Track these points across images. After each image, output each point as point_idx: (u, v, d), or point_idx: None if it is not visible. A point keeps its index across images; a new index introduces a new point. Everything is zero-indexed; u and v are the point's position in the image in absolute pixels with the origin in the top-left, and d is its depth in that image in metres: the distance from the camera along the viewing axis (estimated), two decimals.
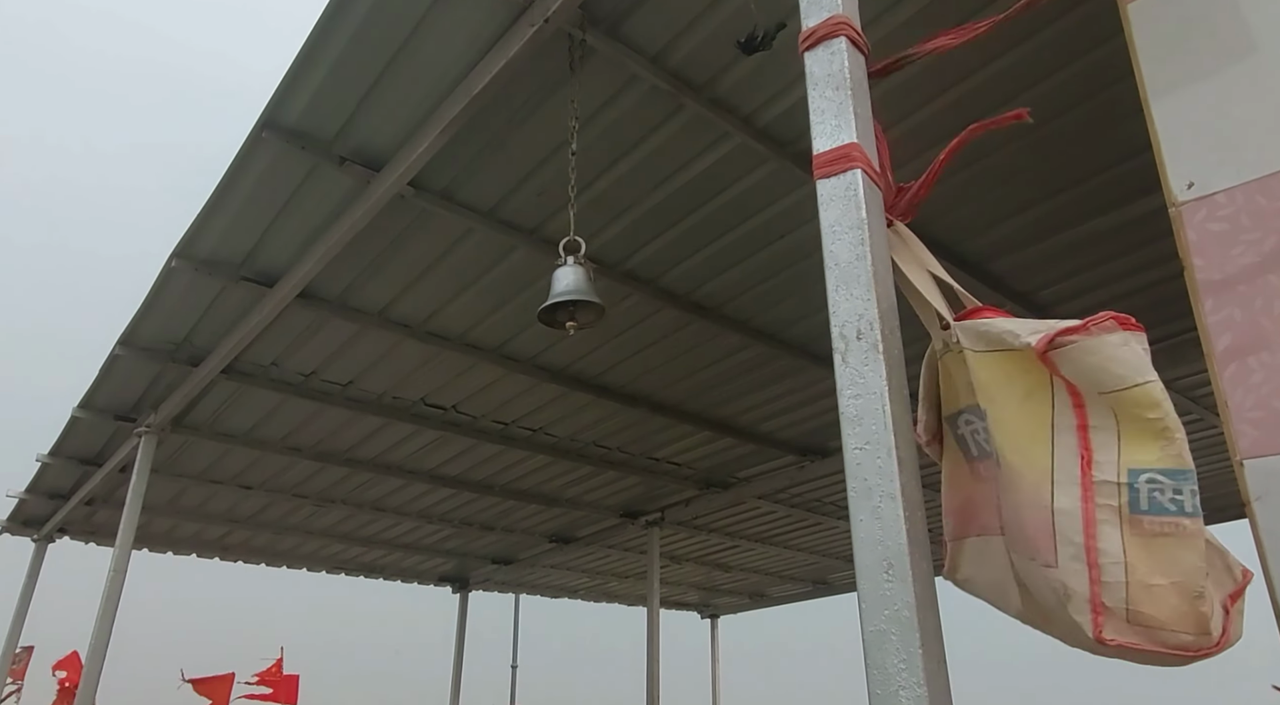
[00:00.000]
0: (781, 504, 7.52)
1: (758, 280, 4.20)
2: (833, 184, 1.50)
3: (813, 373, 5.07)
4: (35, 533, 7.84)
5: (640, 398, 5.55)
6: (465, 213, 3.71)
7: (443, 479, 6.96)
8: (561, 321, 2.90)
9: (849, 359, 1.41)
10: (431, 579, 10.66)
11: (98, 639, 4.99)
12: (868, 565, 1.25)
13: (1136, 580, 1.14)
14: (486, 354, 4.97)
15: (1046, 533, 1.26)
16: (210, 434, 5.94)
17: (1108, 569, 1.17)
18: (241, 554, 8.98)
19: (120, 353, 4.81)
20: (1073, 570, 1.20)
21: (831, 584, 11.00)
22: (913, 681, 1.15)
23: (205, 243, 3.93)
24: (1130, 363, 1.25)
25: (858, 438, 1.32)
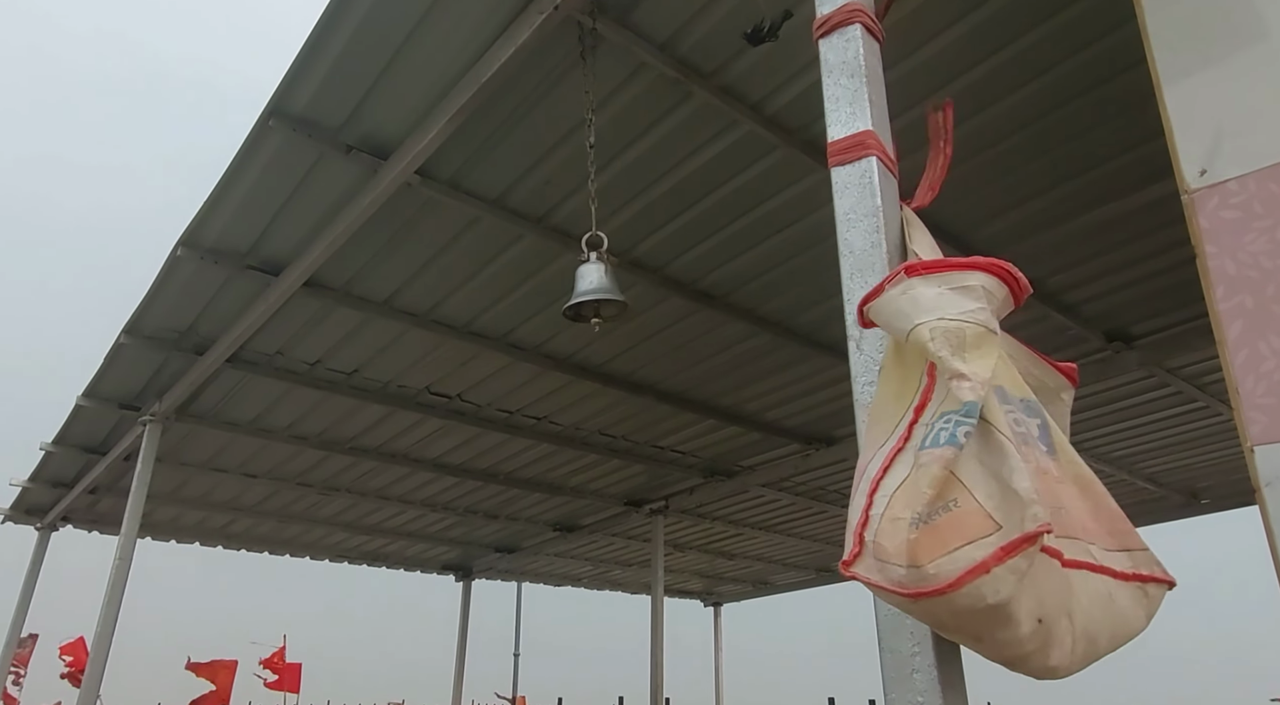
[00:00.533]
0: (786, 492, 7.54)
1: (764, 269, 4.20)
2: (847, 171, 1.50)
3: (818, 361, 5.08)
4: (38, 521, 7.87)
5: (645, 386, 5.56)
6: (472, 201, 3.71)
7: (447, 467, 6.98)
8: (587, 317, 2.93)
9: (863, 346, 1.42)
10: (435, 567, 10.69)
11: (104, 626, 5.02)
12: None
13: (890, 514, 1.06)
14: (491, 343, 4.97)
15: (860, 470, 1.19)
16: (215, 423, 5.96)
17: (877, 503, 1.09)
18: (245, 542, 9.01)
19: (125, 341, 4.82)
20: (854, 505, 1.13)
21: (835, 572, 11.04)
22: (926, 664, 1.17)
23: (211, 231, 3.93)
24: (903, 311, 1.20)
25: None
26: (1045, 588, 1.06)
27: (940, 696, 1.14)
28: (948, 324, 1.16)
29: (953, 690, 1.16)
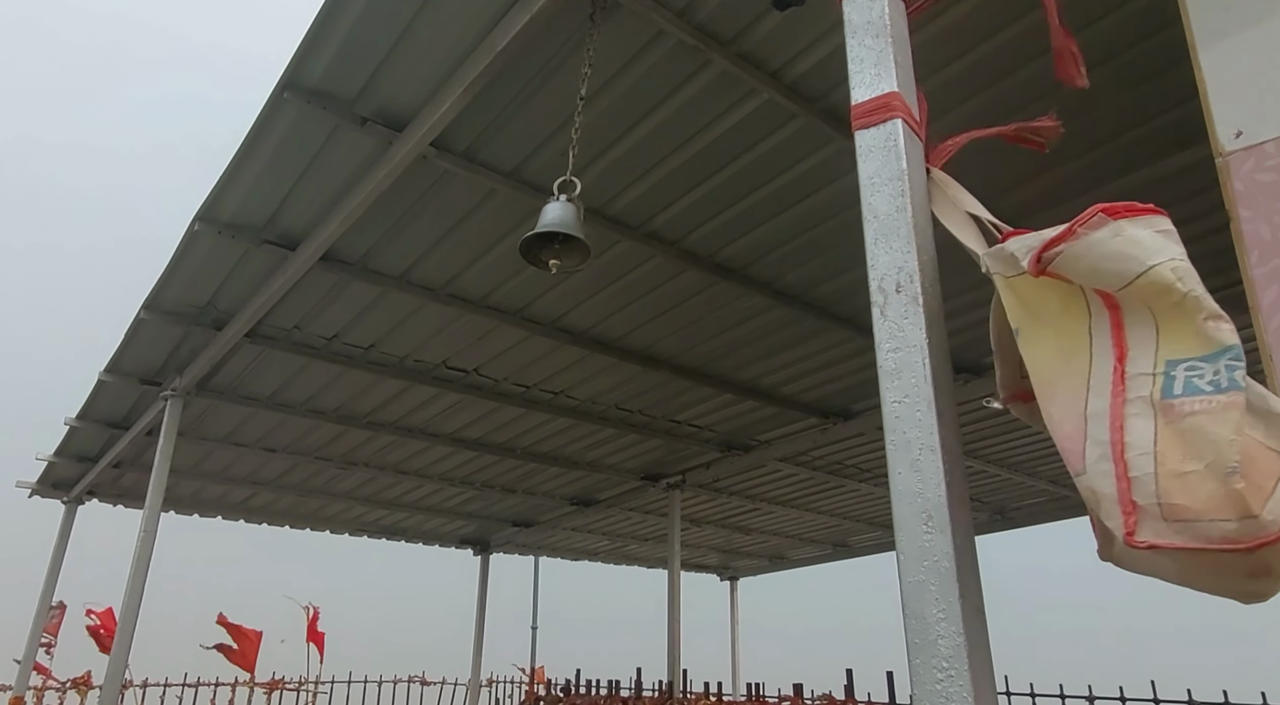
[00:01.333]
0: (803, 467, 7.53)
1: (782, 241, 4.16)
2: (872, 135, 1.47)
3: (836, 334, 5.05)
4: (65, 495, 7.99)
5: (662, 360, 5.55)
6: (487, 174, 3.69)
7: (464, 442, 7.02)
8: (545, 260, 2.86)
9: (888, 312, 1.39)
10: (453, 541, 10.80)
11: (130, 596, 5.10)
12: (906, 518, 1.25)
13: (1167, 470, 0.99)
14: (508, 317, 4.97)
15: (1078, 439, 1.13)
16: (235, 397, 6.01)
17: (1135, 463, 1.02)
18: (266, 516, 9.13)
19: (145, 317, 4.85)
20: (1100, 472, 1.06)
21: (852, 547, 11.06)
22: (951, 631, 1.15)
23: (228, 205, 3.93)
24: (1125, 253, 1.12)
25: (896, 391, 1.31)
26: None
27: (966, 663, 1.13)
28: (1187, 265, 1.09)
29: (979, 657, 1.15)
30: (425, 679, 13.17)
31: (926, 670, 1.16)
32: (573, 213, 2.75)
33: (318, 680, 12.01)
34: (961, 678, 1.13)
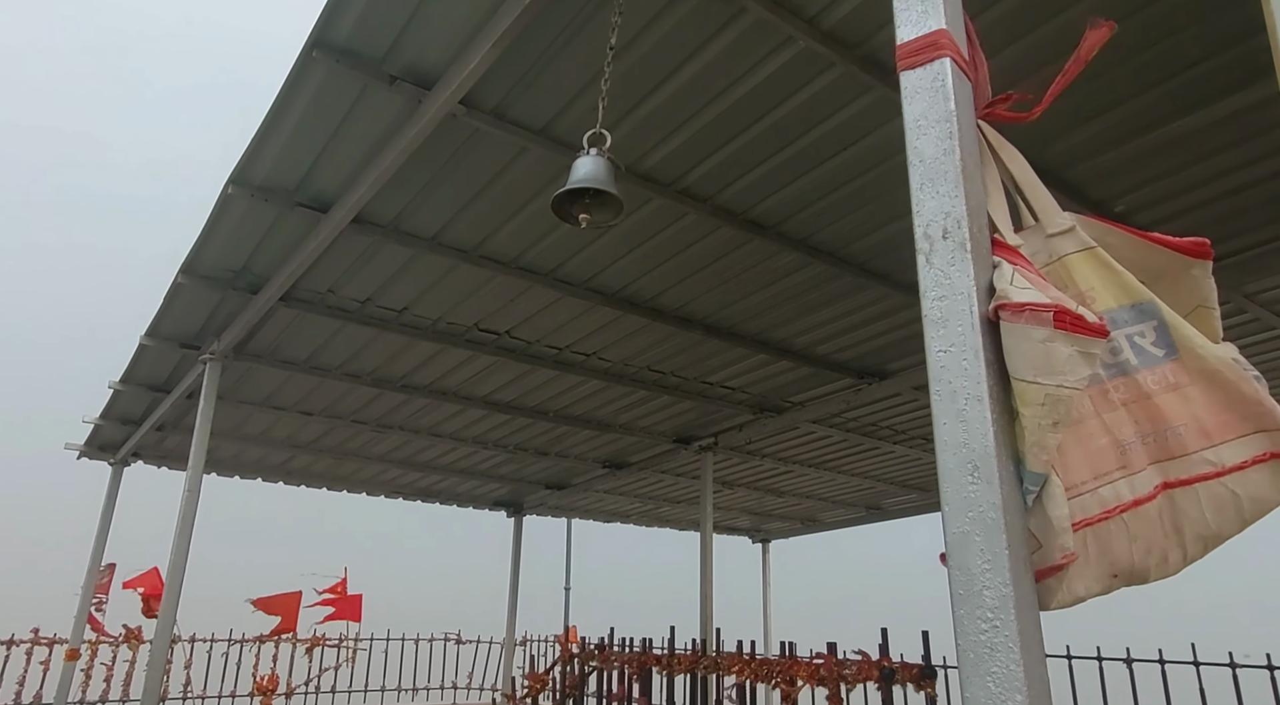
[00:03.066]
0: (836, 429, 7.49)
1: (818, 196, 4.08)
2: (918, 75, 1.41)
3: (872, 292, 4.96)
4: (111, 457, 8.21)
5: (695, 321, 5.51)
6: (517, 132, 3.65)
7: (497, 405, 7.07)
8: (575, 215, 2.83)
9: (933, 260, 1.35)
10: (486, 503, 10.95)
11: (176, 555, 5.24)
12: (951, 469, 1.22)
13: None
14: (540, 278, 4.95)
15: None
16: (271, 361, 6.09)
17: None
18: (304, 478, 9.31)
19: (182, 281, 4.91)
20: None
21: (885, 510, 11.04)
22: (998, 581, 1.13)
23: (260, 168, 3.95)
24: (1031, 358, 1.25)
25: (942, 340, 1.28)
26: (1117, 549, 1.24)
27: (1013, 614, 1.11)
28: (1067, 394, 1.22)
29: (1025, 608, 1.13)
30: (461, 638, 13.47)
31: (971, 621, 1.14)
32: (604, 167, 2.71)
33: (357, 638, 12.32)
34: (1007, 628, 1.10)
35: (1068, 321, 1.23)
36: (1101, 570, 1.25)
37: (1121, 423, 1.31)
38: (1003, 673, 1.09)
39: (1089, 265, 1.39)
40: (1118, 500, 1.26)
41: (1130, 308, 1.34)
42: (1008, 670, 1.09)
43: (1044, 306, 1.23)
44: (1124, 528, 1.25)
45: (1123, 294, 1.35)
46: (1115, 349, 1.34)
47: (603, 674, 5.35)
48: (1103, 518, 1.25)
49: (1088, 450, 1.29)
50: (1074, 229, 1.44)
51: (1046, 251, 1.45)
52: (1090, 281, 1.39)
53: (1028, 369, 1.22)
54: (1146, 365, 1.33)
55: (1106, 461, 1.29)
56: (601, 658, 5.31)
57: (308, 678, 11.64)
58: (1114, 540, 1.25)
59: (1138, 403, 1.31)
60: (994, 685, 1.10)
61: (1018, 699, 1.07)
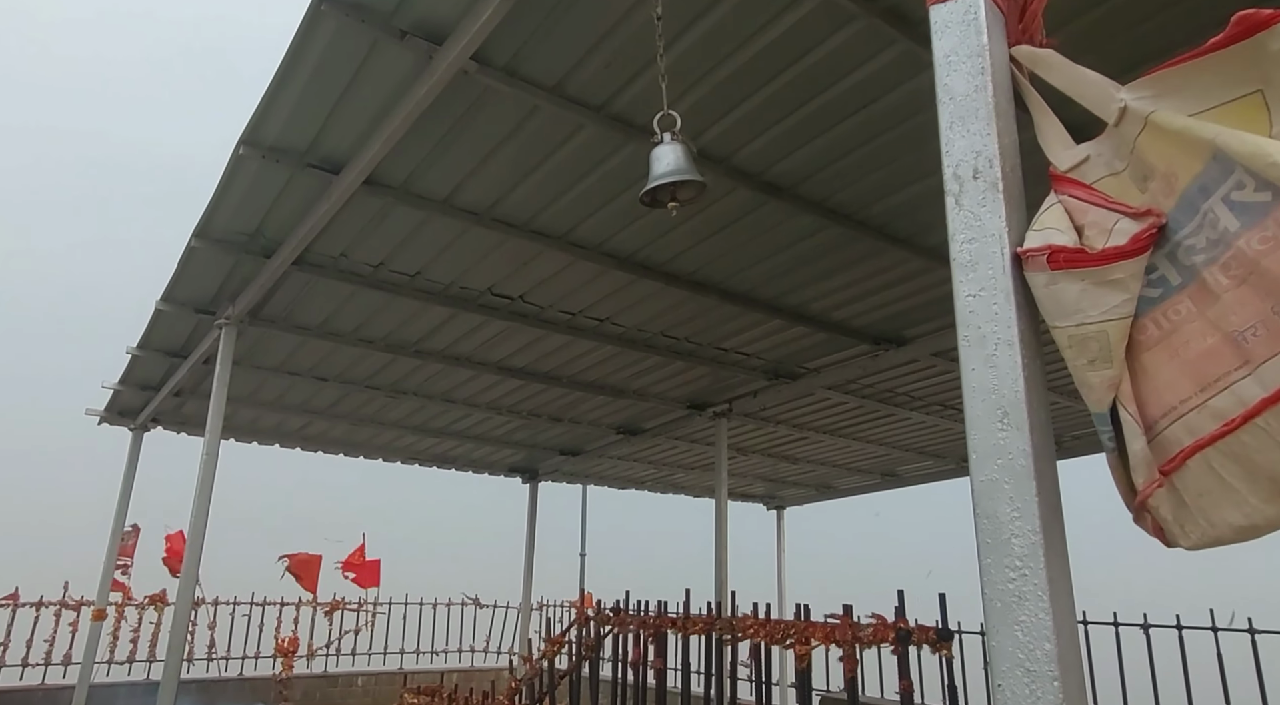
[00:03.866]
0: (852, 395, 7.44)
1: (836, 156, 4.00)
2: (948, 9, 1.35)
3: (890, 256, 4.89)
4: (131, 422, 8.29)
5: (709, 285, 5.45)
6: (530, 89, 3.58)
7: (510, 370, 7.06)
8: (664, 201, 2.83)
9: (963, 201, 1.30)
10: (501, 470, 11.01)
11: (196, 518, 5.29)
12: (979, 415, 1.19)
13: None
14: (553, 241, 4.91)
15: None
16: (286, 326, 6.10)
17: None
18: (320, 444, 9.38)
19: (196, 245, 4.90)
20: None
21: (901, 477, 11.01)
22: (1027, 529, 1.10)
23: (271, 128, 3.91)
24: (1045, 304, 1.20)
25: (971, 284, 1.24)
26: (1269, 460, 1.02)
27: (1042, 562, 1.08)
28: (1088, 331, 1.16)
29: (1055, 556, 1.09)
30: (479, 602, 13.63)
31: (998, 570, 1.11)
32: (683, 153, 2.71)
33: (376, 602, 12.49)
34: (1036, 576, 1.07)
35: (1061, 259, 1.16)
36: (1262, 491, 1.03)
37: (1232, 309, 1.07)
38: (1031, 621, 1.06)
39: (1157, 139, 1.19)
40: (1241, 407, 1.05)
41: (1214, 162, 1.11)
42: (1036, 618, 1.06)
43: (1038, 250, 1.18)
44: (1263, 434, 1.03)
45: (1201, 150, 1.13)
46: (1213, 221, 1.11)
47: (618, 637, 5.39)
48: (1225, 432, 1.05)
49: (1184, 361, 1.11)
50: (1127, 107, 1.21)
51: (1125, 143, 1.28)
52: (1167, 156, 1.18)
53: (1047, 314, 1.19)
54: (1250, 223, 1.07)
55: (1217, 365, 1.08)
56: (617, 621, 5.34)
57: (328, 640, 11.83)
58: (1258, 453, 1.03)
59: (1250, 278, 1.06)
60: (1022, 634, 1.07)
61: (1046, 647, 1.04)
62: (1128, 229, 1.18)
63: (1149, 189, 1.19)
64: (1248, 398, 1.04)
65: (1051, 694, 1.02)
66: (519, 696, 5.56)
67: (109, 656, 10.38)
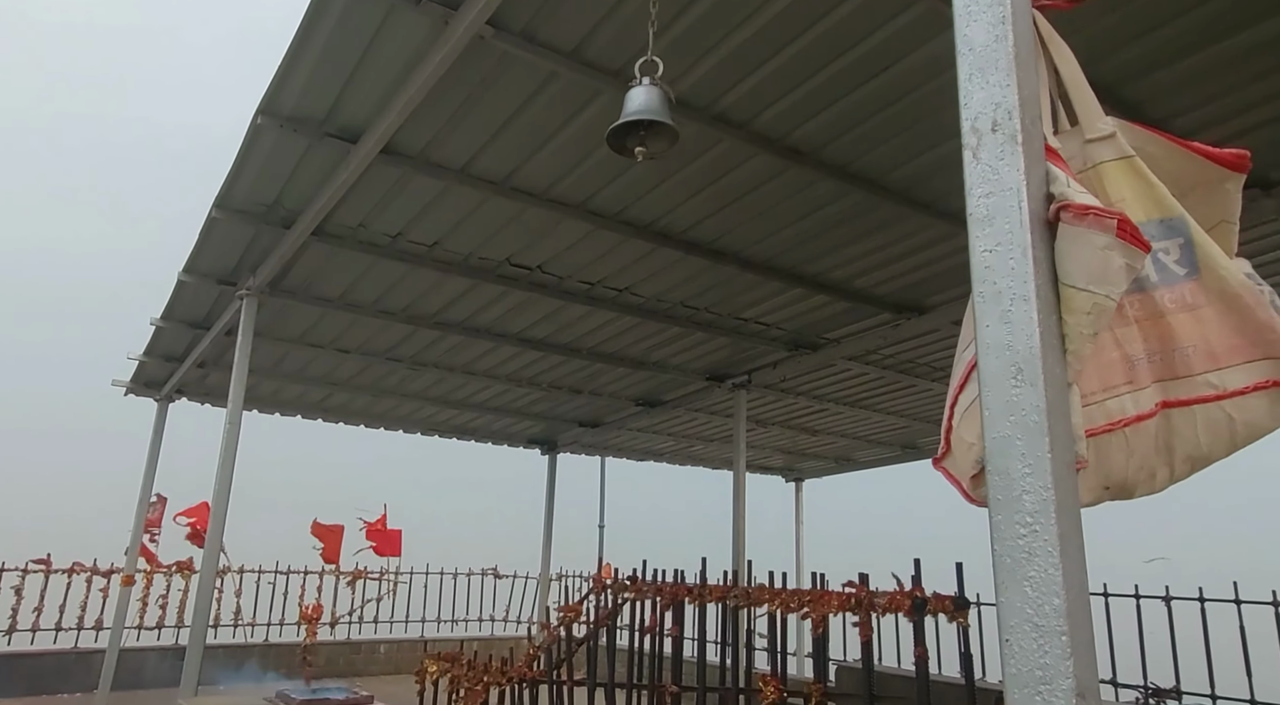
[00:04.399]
0: (873, 366, 7.39)
1: (858, 120, 3.93)
2: None
3: (914, 222, 4.82)
4: (156, 393, 8.42)
5: (729, 254, 5.42)
6: (547, 54, 3.55)
7: (530, 342, 7.08)
8: (631, 147, 2.77)
9: (981, 154, 1.28)
10: (521, 441, 11.09)
11: (220, 487, 5.38)
12: (993, 372, 1.18)
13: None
14: (571, 210, 4.89)
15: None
16: (306, 298, 6.14)
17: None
18: (342, 416, 9.48)
19: (217, 215, 4.93)
20: None
21: (921, 448, 10.96)
22: (1038, 485, 1.09)
23: (288, 97, 3.91)
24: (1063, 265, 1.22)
25: (988, 239, 1.22)
26: (1113, 462, 1.26)
27: (1053, 518, 1.06)
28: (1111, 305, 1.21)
29: (1067, 513, 1.08)
30: (498, 572, 13.80)
31: (1008, 526, 1.10)
32: (658, 96, 2.65)
33: (397, 571, 12.69)
34: (1047, 532, 1.07)
35: (1128, 232, 1.20)
36: (1095, 481, 1.27)
37: (1132, 338, 1.32)
38: (1040, 577, 1.06)
39: (1124, 175, 1.35)
40: (1122, 414, 1.28)
41: (1160, 223, 1.34)
42: (1046, 574, 1.05)
43: (1109, 213, 1.19)
44: (1124, 442, 1.27)
45: (1154, 208, 1.34)
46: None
47: (635, 604, 5.44)
48: (1106, 430, 1.27)
49: (1100, 362, 1.30)
50: (1114, 136, 1.40)
51: (1082, 157, 1.40)
52: (1122, 192, 1.36)
53: (1081, 275, 1.18)
54: (1166, 283, 1.33)
55: (1115, 375, 1.30)
56: (634, 589, 5.38)
57: (350, 608, 12.05)
58: (1113, 453, 1.27)
59: (1150, 320, 1.33)
60: (1031, 590, 1.06)
61: (1055, 602, 1.03)
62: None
63: None
64: (1126, 410, 1.28)
65: (1059, 648, 1.01)
66: (538, 663, 5.64)
67: (138, 622, 10.65)
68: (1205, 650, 5.93)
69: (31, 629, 10.23)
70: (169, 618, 10.92)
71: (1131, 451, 1.26)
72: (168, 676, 10.25)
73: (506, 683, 5.50)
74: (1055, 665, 1.01)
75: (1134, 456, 1.26)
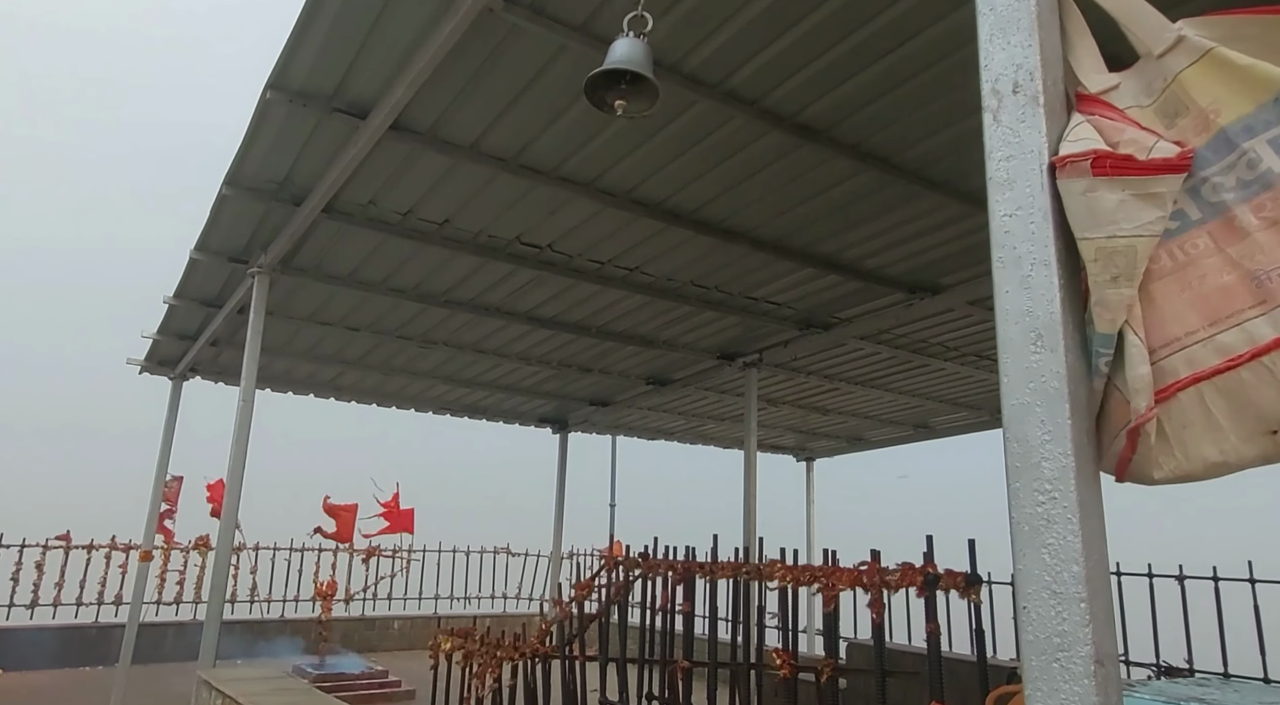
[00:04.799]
0: (885, 345, 7.36)
1: (872, 97, 3.88)
2: None
3: (927, 201, 4.77)
4: (170, 372, 8.47)
5: (740, 233, 5.38)
6: (556, 28, 3.51)
7: (540, 320, 7.08)
8: (610, 102, 2.72)
9: (1001, 117, 1.26)
10: (532, 420, 11.11)
11: (234, 463, 5.42)
12: (1012, 338, 1.16)
13: None
14: (581, 188, 4.86)
15: None
16: (317, 276, 6.15)
17: None
18: (354, 394, 9.52)
19: (227, 192, 4.93)
20: None
21: (933, 428, 10.93)
22: (1058, 452, 1.07)
23: (297, 73, 3.89)
24: (1078, 213, 1.15)
25: (1008, 204, 1.20)
26: (1264, 400, 1.06)
27: (1072, 484, 1.05)
28: (1119, 244, 1.12)
29: (1086, 480, 1.07)
30: (510, 550, 13.90)
31: (1027, 494, 1.09)
32: (642, 50, 2.59)
33: (410, 549, 12.80)
34: (1066, 499, 1.05)
35: (1108, 165, 1.13)
36: (1247, 429, 1.08)
37: (1259, 249, 1.11)
38: (1059, 544, 1.04)
39: (1209, 74, 1.20)
40: (1250, 344, 1.08)
41: (1272, 103, 1.13)
42: (1064, 541, 1.04)
43: (1080, 155, 1.14)
44: (1267, 373, 1.07)
45: (1259, 90, 1.15)
46: (1252, 162, 1.14)
47: (646, 581, 5.46)
48: (1226, 367, 1.09)
49: (1198, 295, 1.13)
50: (1184, 39, 1.22)
51: (1161, 77, 1.26)
52: (1213, 93, 1.19)
53: (1077, 225, 1.14)
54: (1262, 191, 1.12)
55: (1231, 302, 1.11)
56: (645, 565, 5.40)
57: (365, 585, 12.17)
58: (1253, 391, 1.07)
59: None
60: (1049, 557, 1.05)
61: (1074, 569, 1.02)
62: (1169, 148, 1.17)
63: (1177, 126, 1.19)
64: (1259, 336, 1.07)
65: (1078, 615, 1.00)
66: (549, 639, 5.68)
67: (157, 597, 10.80)
68: (1219, 629, 5.92)
69: (54, 603, 10.40)
70: (186, 594, 11.08)
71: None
72: (187, 651, 10.40)
73: (519, 657, 5.54)
74: (1073, 632, 1.00)
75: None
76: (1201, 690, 3.02)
